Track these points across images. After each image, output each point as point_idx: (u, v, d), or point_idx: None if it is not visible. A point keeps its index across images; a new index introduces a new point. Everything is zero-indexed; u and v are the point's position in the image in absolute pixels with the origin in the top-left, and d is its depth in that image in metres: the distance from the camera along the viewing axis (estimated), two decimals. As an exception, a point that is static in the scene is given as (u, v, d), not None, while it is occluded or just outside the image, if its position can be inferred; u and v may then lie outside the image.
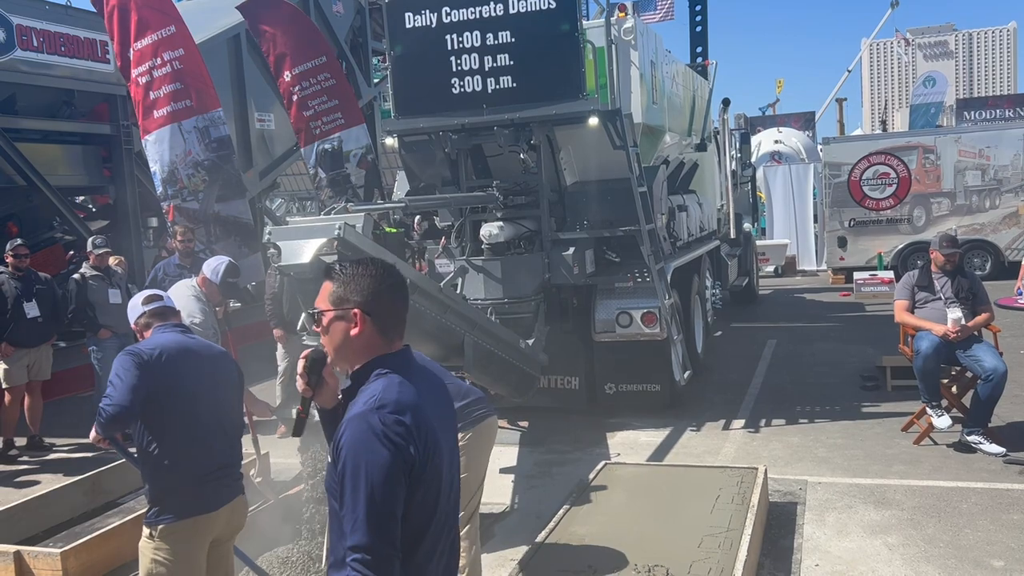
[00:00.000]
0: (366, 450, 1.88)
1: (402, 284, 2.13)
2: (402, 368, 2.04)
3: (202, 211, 10.34)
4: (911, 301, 6.71)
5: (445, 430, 2.08)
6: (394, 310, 2.10)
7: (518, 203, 7.67)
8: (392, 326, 2.09)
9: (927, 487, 5.69)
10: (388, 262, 2.19)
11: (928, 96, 36.55)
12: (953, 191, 15.77)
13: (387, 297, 2.07)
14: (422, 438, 1.93)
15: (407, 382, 2.01)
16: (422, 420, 1.95)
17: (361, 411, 1.93)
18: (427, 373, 2.14)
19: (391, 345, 2.08)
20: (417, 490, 1.93)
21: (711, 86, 12.01)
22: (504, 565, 4.64)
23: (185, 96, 9.62)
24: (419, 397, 1.99)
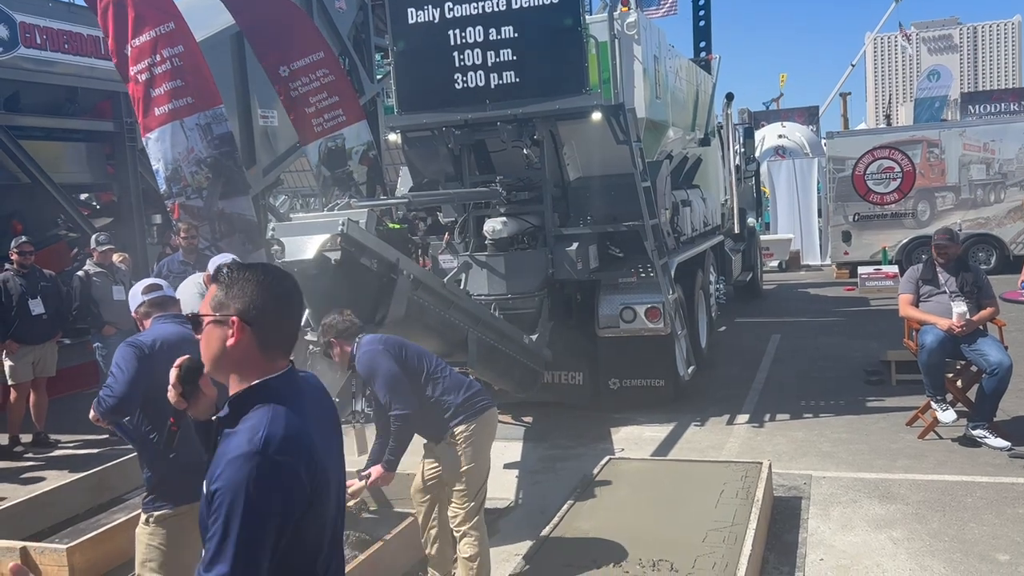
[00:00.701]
0: (247, 496, 1.67)
1: (293, 296, 1.90)
2: (287, 395, 1.83)
3: (206, 208, 10.34)
4: (916, 295, 6.70)
5: (332, 457, 1.90)
6: (279, 323, 1.86)
7: (521, 199, 7.66)
8: (275, 341, 1.86)
9: (932, 481, 5.68)
10: (285, 271, 1.95)
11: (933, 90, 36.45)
12: (958, 185, 15.73)
13: (271, 307, 1.84)
14: (311, 476, 1.75)
15: (293, 413, 1.79)
16: (311, 456, 1.77)
17: (246, 451, 1.70)
18: (313, 396, 1.94)
19: (273, 363, 1.85)
20: (303, 529, 1.76)
21: (714, 81, 11.98)
22: (509, 560, 4.64)
23: (186, 93, 9.61)
24: (307, 429, 1.80)
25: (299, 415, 1.80)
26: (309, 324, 5.30)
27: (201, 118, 9.79)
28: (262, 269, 1.89)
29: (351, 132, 11.74)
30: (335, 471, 1.90)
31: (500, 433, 7.39)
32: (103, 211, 11.98)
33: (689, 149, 10.74)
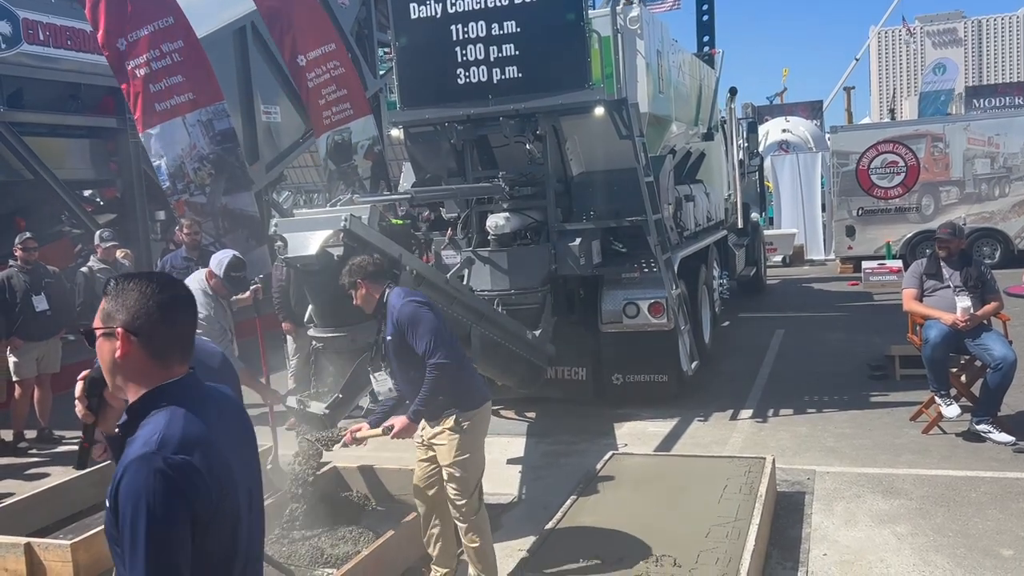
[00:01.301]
0: (148, 499, 1.65)
1: (178, 302, 1.88)
2: (186, 398, 1.81)
3: (210, 205, 10.36)
4: (920, 290, 6.68)
5: (242, 462, 1.88)
6: (167, 331, 1.83)
7: (524, 194, 7.65)
8: (167, 349, 1.84)
9: (936, 476, 5.67)
10: (173, 279, 1.95)
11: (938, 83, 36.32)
12: (962, 179, 15.67)
13: (157, 316, 1.81)
14: (214, 477, 1.73)
15: (193, 415, 1.78)
16: (213, 457, 1.75)
17: (141, 453, 1.69)
18: (219, 401, 1.93)
19: (169, 370, 1.84)
20: (210, 533, 1.73)
21: (718, 75, 11.96)
22: (512, 556, 4.64)
23: (187, 89, 9.62)
24: (208, 431, 1.78)
25: (199, 418, 1.78)
26: (312, 320, 5.30)
27: (202, 114, 9.79)
28: (147, 278, 1.88)
29: (357, 126, 11.75)
30: (246, 482, 1.87)
31: (503, 428, 7.44)
32: (106, 207, 12.01)
33: (692, 144, 10.72)
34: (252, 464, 1.98)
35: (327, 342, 5.08)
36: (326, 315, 5.10)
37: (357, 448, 5.02)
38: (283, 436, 6.17)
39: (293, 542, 4.77)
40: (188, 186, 10.04)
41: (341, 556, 4.62)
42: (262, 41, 12.51)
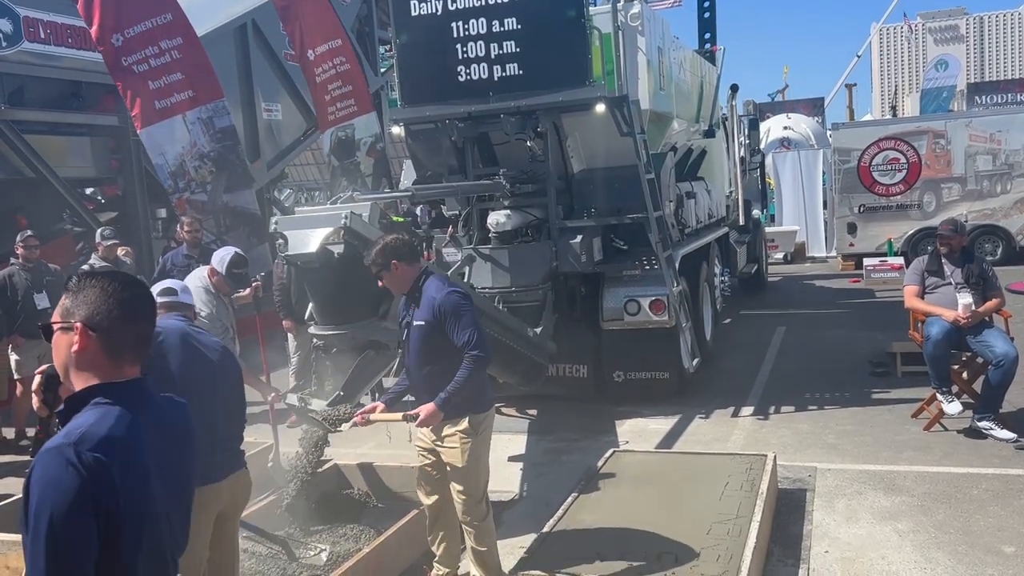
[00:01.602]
0: (54, 491, 1.64)
1: (138, 302, 1.90)
2: (127, 400, 1.82)
3: (211, 202, 10.35)
4: (921, 287, 6.67)
5: (169, 476, 1.86)
6: (125, 330, 1.85)
7: (525, 191, 7.64)
8: (122, 348, 1.85)
9: (937, 473, 5.67)
10: (134, 278, 1.96)
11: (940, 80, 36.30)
12: (964, 176, 15.65)
13: (116, 314, 1.84)
14: (127, 480, 1.70)
15: (127, 416, 1.78)
16: (131, 459, 1.73)
17: (57, 444, 1.69)
18: (162, 412, 1.92)
19: (120, 370, 1.85)
20: (118, 538, 1.70)
21: (719, 72, 11.94)
22: (513, 553, 4.64)
23: (187, 87, 9.59)
24: (136, 434, 1.77)
25: (130, 423, 1.77)
26: (313, 318, 5.29)
27: (202, 112, 9.77)
28: (109, 276, 1.90)
29: (361, 123, 11.73)
30: (167, 501, 1.84)
31: (505, 426, 7.43)
32: (108, 205, 12.00)
33: (694, 141, 10.70)
34: (181, 480, 1.95)
35: (327, 340, 5.07)
36: (326, 313, 5.10)
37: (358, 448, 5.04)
38: (283, 433, 6.17)
39: (292, 539, 4.77)
40: (189, 184, 10.03)
41: (342, 554, 4.62)
42: (263, 39, 12.49)
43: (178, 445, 1.95)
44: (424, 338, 4.04)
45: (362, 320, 5.05)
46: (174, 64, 9.26)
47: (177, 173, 9.75)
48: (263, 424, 6.48)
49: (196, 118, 9.81)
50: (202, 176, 10.05)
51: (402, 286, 4.13)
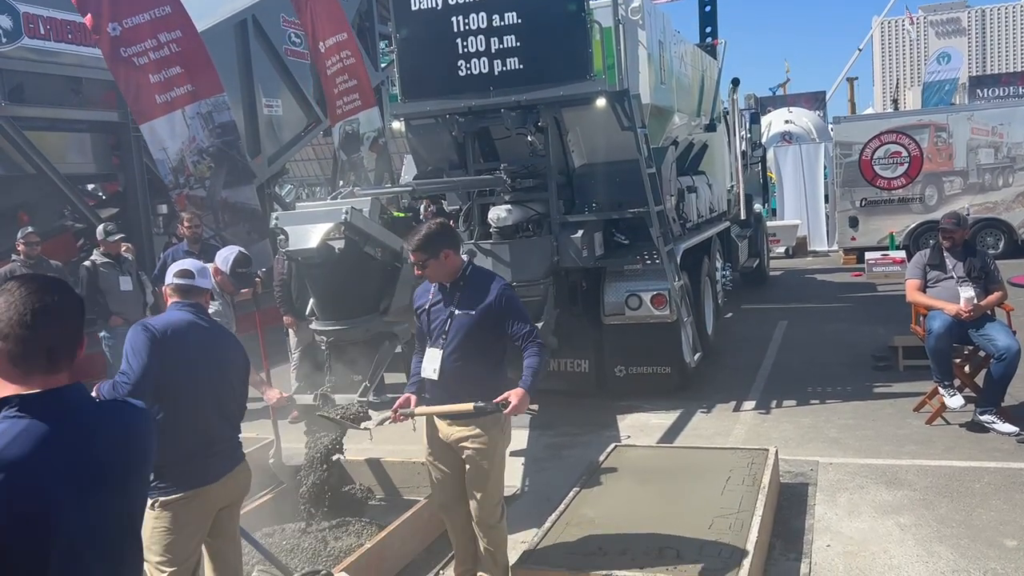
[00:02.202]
0: None
1: (49, 307, 1.80)
2: (38, 411, 1.72)
3: (210, 198, 10.34)
4: (923, 280, 6.66)
5: (75, 492, 1.72)
6: (31, 338, 1.76)
7: (526, 186, 7.64)
8: (29, 358, 1.76)
9: (939, 467, 5.66)
10: (48, 283, 1.87)
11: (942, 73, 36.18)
12: (966, 169, 15.63)
13: (17, 321, 1.76)
14: (12, 500, 1.60)
15: (30, 432, 1.68)
16: (22, 479, 1.63)
17: None
18: (92, 420, 1.83)
19: (28, 380, 1.76)
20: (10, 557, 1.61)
21: (720, 66, 11.91)
22: (515, 548, 4.64)
23: (185, 81, 9.57)
24: (33, 451, 1.66)
25: (39, 435, 1.69)
26: (314, 313, 5.29)
27: (202, 106, 9.76)
28: (18, 282, 1.82)
29: (363, 118, 11.73)
30: (76, 520, 1.72)
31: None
32: (109, 201, 12.00)
33: (695, 135, 10.69)
34: (98, 494, 1.79)
35: (329, 335, 5.07)
36: (327, 308, 5.10)
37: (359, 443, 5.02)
38: (285, 429, 6.17)
39: (296, 535, 4.78)
40: (188, 180, 10.02)
41: (344, 548, 4.62)
42: (263, 34, 12.49)
43: (113, 456, 1.84)
44: (471, 328, 3.87)
45: (363, 315, 5.04)
46: (173, 57, 9.25)
47: (177, 168, 9.74)
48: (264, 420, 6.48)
49: (195, 113, 9.80)
50: (201, 172, 10.04)
51: (448, 275, 3.95)
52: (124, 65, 9.06)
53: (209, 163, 9.90)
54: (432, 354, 3.92)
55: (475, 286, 3.93)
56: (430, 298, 4.01)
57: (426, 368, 3.94)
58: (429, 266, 3.92)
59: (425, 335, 4.02)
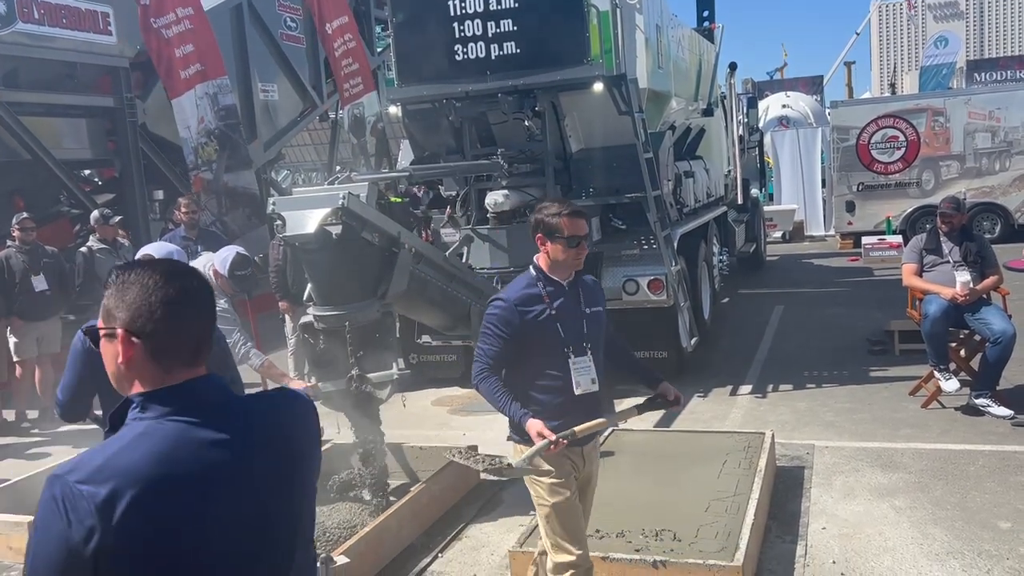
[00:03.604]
0: (40, 527, 1.44)
1: (186, 295, 1.59)
2: (170, 410, 1.52)
3: (215, 181, 10.34)
4: (919, 265, 6.68)
5: (212, 497, 1.50)
6: (171, 329, 1.56)
7: (523, 171, 7.63)
8: (171, 350, 1.56)
9: (935, 450, 5.70)
10: (182, 268, 1.67)
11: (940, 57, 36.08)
12: (963, 154, 15.62)
13: (160, 313, 1.55)
14: (120, 519, 1.40)
15: (154, 435, 1.49)
16: (135, 494, 1.42)
17: (54, 472, 1.46)
18: (220, 417, 1.57)
19: (169, 374, 1.56)
20: None
21: (718, 50, 11.88)
22: (513, 531, 4.67)
23: (196, 59, 9.59)
24: (155, 460, 1.45)
25: (168, 439, 1.49)
26: (311, 299, 5.29)
27: (210, 87, 9.79)
28: (151, 268, 1.60)
29: (367, 101, 11.73)
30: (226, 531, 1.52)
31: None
32: (105, 187, 11.97)
33: (692, 120, 10.67)
34: (267, 505, 1.59)
35: (327, 321, 5.07)
36: (325, 294, 5.10)
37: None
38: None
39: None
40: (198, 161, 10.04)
41: (342, 532, 4.64)
42: (259, 19, 12.42)
43: (265, 455, 1.60)
44: (605, 327, 3.47)
45: (361, 300, 5.05)
46: (188, 34, 9.28)
47: (197, 149, 9.77)
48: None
49: (204, 93, 9.81)
50: (208, 154, 10.05)
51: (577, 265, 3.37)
52: (155, 36, 9.10)
53: (215, 145, 9.90)
54: (581, 363, 3.29)
55: (588, 281, 3.45)
56: (549, 301, 3.26)
57: (582, 381, 3.30)
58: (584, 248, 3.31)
59: (546, 346, 3.25)
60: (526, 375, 3.29)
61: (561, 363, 3.27)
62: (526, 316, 3.23)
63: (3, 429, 7.71)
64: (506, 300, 3.26)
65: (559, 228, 3.22)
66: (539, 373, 3.28)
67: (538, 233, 3.28)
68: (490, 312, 3.27)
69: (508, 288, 3.38)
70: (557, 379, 3.27)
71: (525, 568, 4.02)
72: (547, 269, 3.31)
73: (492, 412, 4.86)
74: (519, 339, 3.22)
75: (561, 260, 3.26)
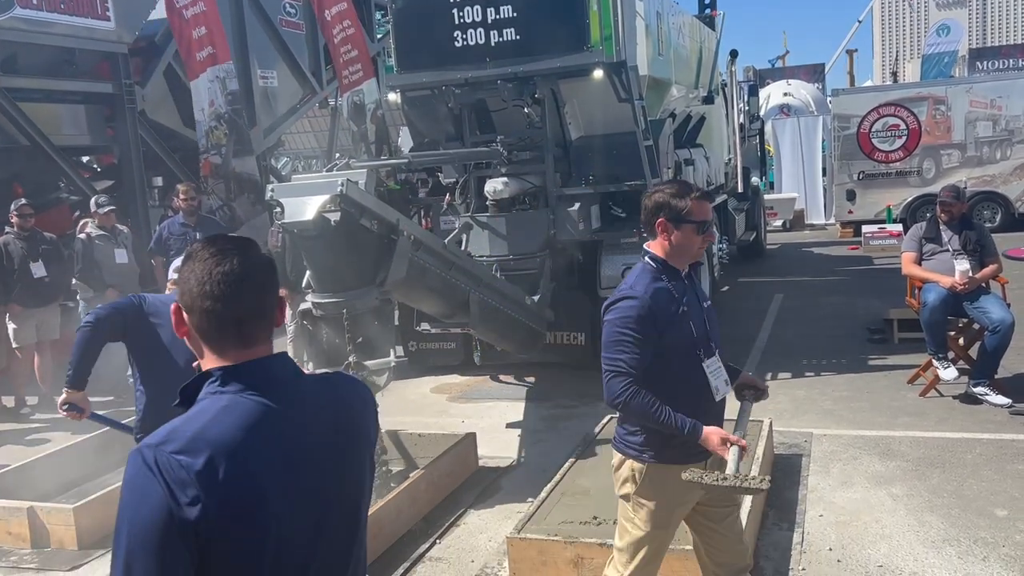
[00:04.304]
0: (131, 498, 1.44)
1: (239, 273, 1.57)
2: (247, 385, 1.55)
3: (224, 165, 10.33)
4: (919, 253, 6.67)
5: (287, 478, 1.53)
6: (215, 311, 1.56)
7: (523, 159, 7.62)
8: (219, 330, 1.57)
9: (932, 438, 5.71)
10: (243, 246, 1.64)
11: (941, 45, 35.91)
12: (964, 142, 15.57)
13: (197, 292, 1.56)
14: (219, 487, 1.43)
15: (237, 409, 1.51)
16: (229, 464, 1.45)
17: (144, 442, 1.48)
18: (289, 399, 1.59)
19: (223, 353, 1.57)
20: (218, 552, 1.45)
21: (719, 37, 11.84)
22: (511, 517, 4.69)
23: (209, 42, 9.58)
24: (242, 433, 1.49)
25: (246, 413, 1.52)
26: (310, 286, 5.29)
27: (219, 71, 9.78)
28: (207, 245, 1.61)
29: (367, 88, 11.70)
30: (294, 489, 1.54)
31: (502, 393, 7.48)
32: (104, 174, 11.94)
33: (692, 107, 10.64)
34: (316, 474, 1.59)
35: (325, 308, 5.07)
36: (323, 280, 5.10)
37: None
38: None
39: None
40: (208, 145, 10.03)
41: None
42: (258, 5, 12.36)
43: (328, 437, 1.63)
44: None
45: (359, 287, 5.05)
46: (201, 16, 9.29)
47: (208, 132, 9.78)
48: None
49: (215, 76, 9.81)
50: (217, 138, 10.05)
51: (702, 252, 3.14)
52: (178, 16, 9.13)
53: (224, 129, 9.90)
54: (713, 364, 2.98)
55: (693, 270, 3.10)
56: (678, 296, 2.93)
57: (720, 386, 2.99)
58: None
59: (681, 348, 2.92)
60: (659, 385, 2.84)
61: (695, 366, 2.92)
62: (663, 315, 2.86)
63: (2, 415, 7.73)
64: (639, 297, 2.86)
65: (689, 212, 2.90)
66: (676, 381, 2.89)
67: (659, 218, 2.93)
68: (621, 314, 2.85)
69: (632, 283, 2.93)
70: (694, 386, 2.92)
71: (522, 553, 4.05)
72: (667, 258, 2.95)
73: (490, 399, 4.88)
74: (656, 343, 2.84)
75: (688, 247, 2.94)
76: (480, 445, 5.83)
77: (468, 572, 4.32)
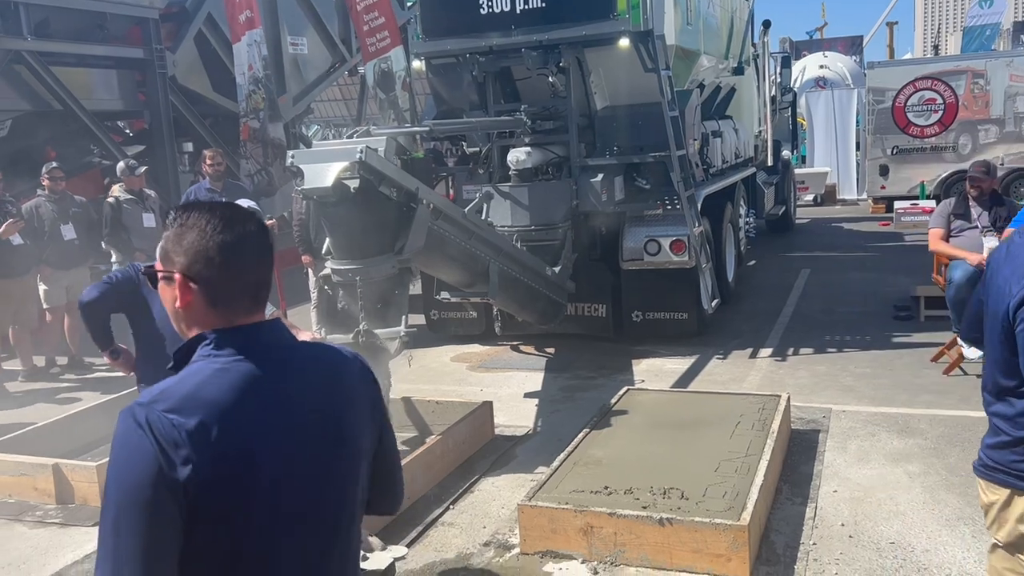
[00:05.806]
0: (121, 456, 1.42)
1: (244, 241, 1.56)
2: (241, 350, 1.52)
3: (262, 130, 10.40)
4: (946, 230, 6.58)
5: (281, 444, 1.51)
6: (228, 275, 1.55)
7: (546, 128, 7.57)
8: (228, 295, 1.55)
9: (953, 417, 5.65)
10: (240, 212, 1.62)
11: (983, 17, 34.96)
12: (1002, 118, 15.21)
13: (217, 258, 1.53)
14: (210, 448, 1.42)
15: (231, 372, 1.50)
16: (221, 425, 1.43)
17: (135, 401, 1.46)
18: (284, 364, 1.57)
19: (229, 318, 1.55)
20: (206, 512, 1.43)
21: (751, 7, 11.64)
22: (524, 485, 4.72)
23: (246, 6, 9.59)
24: (236, 396, 1.47)
25: (243, 376, 1.50)
26: (330, 253, 5.32)
27: (257, 35, 9.82)
28: (209, 210, 1.58)
29: (395, 55, 11.66)
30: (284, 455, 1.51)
31: (522, 363, 7.53)
32: (135, 139, 12.06)
33: (722, 78, 10.49)
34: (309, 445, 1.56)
35: (342, 274, 5.11)
36: (342, 247, 5.13)
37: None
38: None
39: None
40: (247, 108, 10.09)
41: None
42: (287, -30, 12.34)
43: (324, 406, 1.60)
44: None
45: (377, 255, 5.08)
46: None
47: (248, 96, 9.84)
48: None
49: (253, 40, 9.85)
50: (255, 102, 10.10)
51: None
52: None
53: (262, 94, 9.95)
54: None
55: None
56: None
57: None
58: None
59: None
60: None
61: None
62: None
63: (33, 375, 7.90)
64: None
65: None
66: None
67: None
68: None
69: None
70: None
71: (533, 521, 4.09)
72: None
73: (510, 369, 4.91)
74: None
75: None
76: (497, 414, 5.86)
77: (479, 538, 4.37)
